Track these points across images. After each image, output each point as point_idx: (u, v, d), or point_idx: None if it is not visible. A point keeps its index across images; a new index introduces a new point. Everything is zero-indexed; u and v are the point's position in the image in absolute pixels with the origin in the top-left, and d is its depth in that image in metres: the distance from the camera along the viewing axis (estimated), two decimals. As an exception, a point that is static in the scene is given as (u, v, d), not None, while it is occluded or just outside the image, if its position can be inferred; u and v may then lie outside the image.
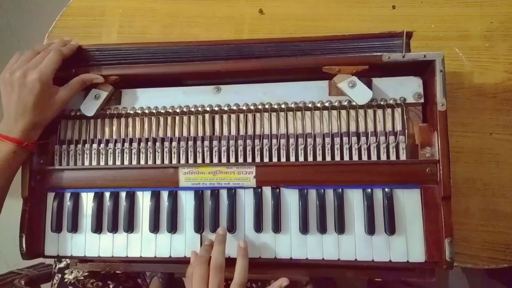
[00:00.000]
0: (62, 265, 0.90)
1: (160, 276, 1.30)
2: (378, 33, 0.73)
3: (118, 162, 0.78)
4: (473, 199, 0.82)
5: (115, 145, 0.78)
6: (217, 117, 0.78)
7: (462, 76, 0.86)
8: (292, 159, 0.74)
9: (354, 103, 0.73)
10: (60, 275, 0.88)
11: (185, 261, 0.74)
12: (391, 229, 0.70)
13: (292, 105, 0.75)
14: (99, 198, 0.77)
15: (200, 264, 0.68)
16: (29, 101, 0.72)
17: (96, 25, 1.00)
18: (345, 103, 0.73)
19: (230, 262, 0.70)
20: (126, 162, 0.78)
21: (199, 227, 0.75)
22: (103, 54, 0.79)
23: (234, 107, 0.76)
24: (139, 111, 0.78)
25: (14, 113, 0.73)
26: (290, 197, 0.74)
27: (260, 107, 0.75)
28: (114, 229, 0.77)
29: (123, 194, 0.77)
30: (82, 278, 0.87)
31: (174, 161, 0.77)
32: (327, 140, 0.73)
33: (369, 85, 0.73)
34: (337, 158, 0.73)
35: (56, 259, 0.91)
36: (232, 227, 0.74)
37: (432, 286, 1.40)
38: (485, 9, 0.88)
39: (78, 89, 0.77)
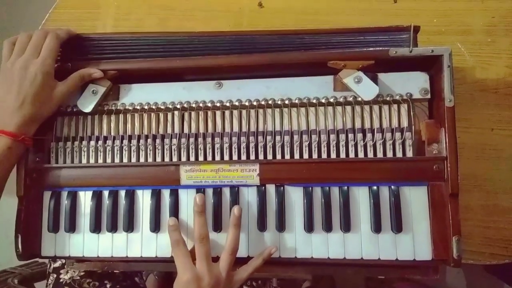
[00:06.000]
0: (57, 264, 0.88)
1: (156, 274, 1.29)
2: (384, 26, 0.72)
3: (117, 160, 0.76)
4: (474, 195, 0.82)
5: (113, 142, 0.76)
6: (218, 113, 0.76)
7: (464, 71, 0.86)
8: (297, 156, 0.73)
9: (359, 99, 0.71)
10: (55, 275, 0.87)
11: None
12: (397, 227, 0.69)
13: (296, 101, 0.73)
14: (97, 197, 0.75)
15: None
16: (29, 94, 0.70)
17: (90, 18, 0.97)
18: (351, 99, 0.72)
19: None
20: (125, 160, 0.76)
21: (201, 226, 0.73)
22: (100, 44, 0.77)
23: (236, 103, 0.74)
24: (138, 107, 0.76)
25: (11, 106, 0.70)
26: (295, 195, 0.72)
27: (263, 103, 0.74)
28: (113, 228, 0.74)
29: (122, 193, 0.75)
30: (78, 278, 0.85)
31: (175, 159, 0.75)
32: (332, 136, 0.72)
33: (375, 80, 0.71)
34: (343, 155, 0.72)
35: (50, 259, 0.89)
36: (235, 226, 0.72)
37: (429, 281, 1.41)
38: (487, 3, 0.88)
39: (77, 85, 0.74)
